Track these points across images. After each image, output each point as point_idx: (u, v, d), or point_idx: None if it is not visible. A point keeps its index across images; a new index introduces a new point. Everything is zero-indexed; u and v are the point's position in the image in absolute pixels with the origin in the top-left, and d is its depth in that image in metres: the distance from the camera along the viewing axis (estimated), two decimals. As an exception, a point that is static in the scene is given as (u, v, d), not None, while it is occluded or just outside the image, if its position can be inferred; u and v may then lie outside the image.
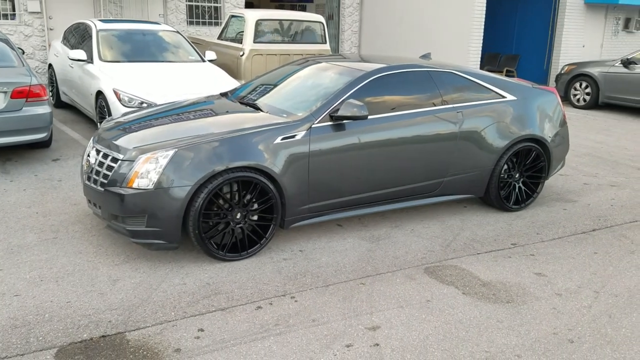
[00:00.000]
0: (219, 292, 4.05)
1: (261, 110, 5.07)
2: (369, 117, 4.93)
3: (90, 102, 8.04)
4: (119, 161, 4.38)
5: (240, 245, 4.56)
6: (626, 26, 16.64)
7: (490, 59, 16.39)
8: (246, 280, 4.24)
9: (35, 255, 4.52)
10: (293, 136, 4.63)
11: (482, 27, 13.84)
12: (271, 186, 4.54)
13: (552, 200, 6.35)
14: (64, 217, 5.32)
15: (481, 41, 13.88)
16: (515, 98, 5.81)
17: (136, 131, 4.77)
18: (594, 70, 12.49)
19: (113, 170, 4.38)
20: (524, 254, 4.90)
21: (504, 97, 5.76)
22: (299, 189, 4.69)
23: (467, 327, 3.70)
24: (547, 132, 5.92)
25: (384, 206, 5.25)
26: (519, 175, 5.90)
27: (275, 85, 5.65)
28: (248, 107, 5.25)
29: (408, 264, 4.60)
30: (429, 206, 5.93)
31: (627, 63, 11.86)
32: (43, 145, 7.42)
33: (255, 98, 5.47)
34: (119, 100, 7.22)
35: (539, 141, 5.88)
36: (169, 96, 7.23)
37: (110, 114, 7.31)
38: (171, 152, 4.27)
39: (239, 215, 4.51)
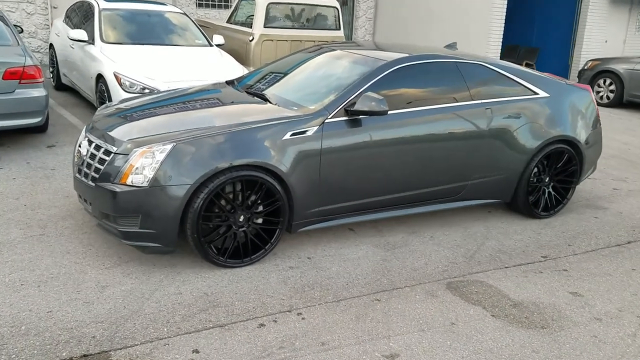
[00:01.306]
0: (217, 305, 3.62)
1: (269, 102, 4.61)
2: (389, 112, 4.45)
3: (90, 85, 7.59)
4: (112, 154, 3.94)
5: (243, 251, 4.13)
6: (650, 22, 16.02)
7: (509, 51, 15.80)
8: (248, 292, 3.81)
9: (18, 255, 4.10)
10: (304, 132, 4.17)
11: (504, 16, 13.29)
12: (278, 187, 4.10)
13: (582, 207, 5.88)
14: (54, 210, 4.89)
15: (502, 32, 13.34)
16: (547, 95, 5.32)
17: (133, 121, 4.32)
18: (619, 67, 11.93)
19: (105, 164, 3.94)
20: (556, 268, 4.44)
21: (536, 93, 5.27)
22: (308, 191, 4.24)
23: (498, 357, 3.25)
24: (581, 133, 5.43)
25: (401, 211, 4.79)
26: (548, 179, 5.42)
27: (285, 74, 5.18)
28: (255, 97, 4.79)
29: (428, 278, 4.15)
30: (449, 211, 5.47)
31: (654, 60, 11.31)
32: (39, 130, 7.00)
33: (263, 88, 5.00)
34: (120, 85, 6.77)
35: (571, 143, 5.39)
36: (173, 82, 6.79)
37: (110, 99, 6.87)
38: (169, 146, 3.82)
39: (242, 218, 4.07)
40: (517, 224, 5.27)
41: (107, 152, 3.99)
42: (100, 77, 7.19)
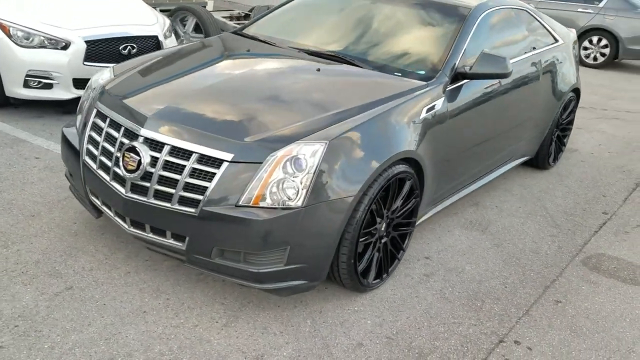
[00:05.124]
0: (421, 354, 2.75)
1: (357, 66, 3.54)
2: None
3: None
4: (225, 163, 2.64)
5: (383, 266, 3.21)
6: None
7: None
8: (427, 323, 2.97)
9: (73, 333, 2.62)
10: (434, 106, 3.31)
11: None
12: (417, 180, 3.23)
13: (557, 150, 5.89)
14: (40, 243, 3.27)
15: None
16: (563, 42, 5.06)
17: (213, 103, 2.97)
18: None
19: (216, 180, 2.63)
20: (630, 225, 4.34)
21: (557, 40, 4.98)
22: (433, 178, 3.43)
23: None
24: (579, 78, 5.35)
25: (472, 185, 4.18)
26: (556, 128, 5.26)
27: (329, 26, 4.07)
28: (332, 60, 3.62)
29: (558, 261, 3.72)
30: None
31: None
32: None
33: (319, 45, 3.81)
34: (9, 36, 4.80)
35: (577, 90, 5.28)
36: (84, 30, 5.05)
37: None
38: (320, 147, 2.67)
39: (383, 227, 3.13)
40: (538, 177, 5.06)
41: (210, 161, 2.66)
42: (-40, 24, 5.01)
